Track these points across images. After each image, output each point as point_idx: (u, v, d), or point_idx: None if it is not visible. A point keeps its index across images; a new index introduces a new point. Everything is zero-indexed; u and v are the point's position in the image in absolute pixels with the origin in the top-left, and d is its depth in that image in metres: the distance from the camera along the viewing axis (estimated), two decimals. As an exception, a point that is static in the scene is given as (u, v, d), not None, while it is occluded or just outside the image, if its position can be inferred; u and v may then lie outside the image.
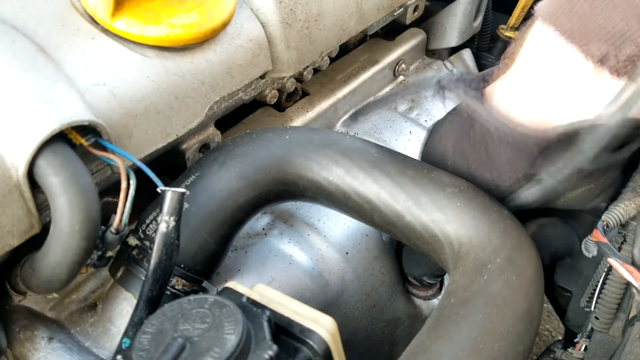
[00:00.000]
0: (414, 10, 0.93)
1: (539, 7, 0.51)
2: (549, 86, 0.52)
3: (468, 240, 0.54)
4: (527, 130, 0.52)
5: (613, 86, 0.48)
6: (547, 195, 0.56)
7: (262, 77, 0.71)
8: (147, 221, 0.57)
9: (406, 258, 0.76)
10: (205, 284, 0.60)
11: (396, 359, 0.49)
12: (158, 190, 0.50)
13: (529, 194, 0.57)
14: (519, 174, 0.56)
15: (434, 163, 0.62)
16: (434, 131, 0.64)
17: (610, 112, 0.48)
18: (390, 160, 0.60)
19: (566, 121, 0.51)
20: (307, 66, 0.77)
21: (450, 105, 0.62)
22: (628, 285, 0.64)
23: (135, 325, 0.48)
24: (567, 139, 0.51)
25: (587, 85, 0.49)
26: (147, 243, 0.56)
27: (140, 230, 0.57)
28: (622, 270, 0.57)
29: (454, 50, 1.05)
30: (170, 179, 0.63)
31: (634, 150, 0.54)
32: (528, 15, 1.03)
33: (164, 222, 0.49)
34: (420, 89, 0.85)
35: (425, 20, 1.02)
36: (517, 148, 0.54)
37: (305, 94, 0.86)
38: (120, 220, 0.50)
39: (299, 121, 0.82)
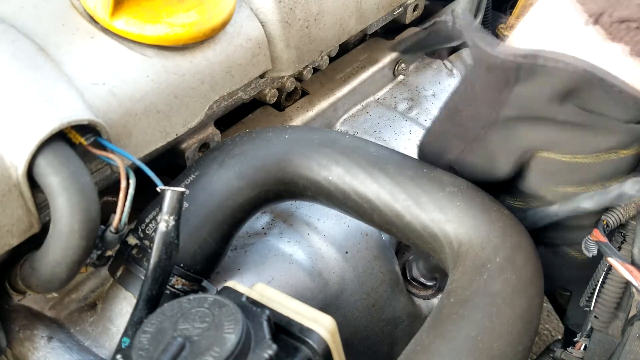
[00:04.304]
0: (414, 10, 0.93)
1: None
2: (544, 38, 0.53)
3: (468, 239, 0.54)
4: (500, 48, 0.53)
5: (602, 47, 0.48)
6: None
7: (261, 76, 0.71)
8: (147, 220, 0.57)
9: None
10: (204, 283, 0.60)
11: (396, 358, 0.49)
12: (158, 189, 0.50)
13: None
14: (492, 108, 0.56)
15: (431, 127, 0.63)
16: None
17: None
18: (390, 159, 0.60)
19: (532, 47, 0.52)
20: (307, 65, 0.77)
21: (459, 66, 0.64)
22: (628, 284, 0.64)
23: (134, 325, 0.48)
24: (532, 70, 0.51)
25: (578, 39, 0.50)
26: (146, 242, 0.56)
27: (140, 230, 0.57)
28: (622, 269, 0.57)
29: (454, 49, 1.05)
30: (170, 179, 0.63)
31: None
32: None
33: (164, 222, 0.49)
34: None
35: (425, 20, 1.02)
36: (490, 68, 0.54)
37: (304, 93, 0.86)
38: (120, 220, 0.50)
39: (298, 120, 0.82)
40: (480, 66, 0.55)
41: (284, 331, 0.46)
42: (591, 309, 0.66)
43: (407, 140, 0.86)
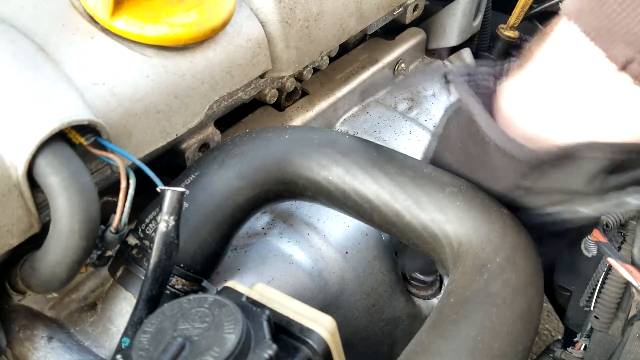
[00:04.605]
0: (414, 10, 0.93)
1: (565, 4, 0.47)
2: (562, 90, 0.49)
3: (468, 239, 0.54)
4: (519, 147, 0.51)
5: (632, 95, 0.45)
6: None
7: (261, 76, 0.71)
8: (147, 220, 0.57)
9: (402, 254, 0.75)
10: (204, 283, 0.60)
11: (396, 358, 0.49)
12: (158, 189, 0.50)
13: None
14: (511, 184, 0.55)
15: (441, 160, 0.61)
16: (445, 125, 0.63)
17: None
18: (390, 159, 0.60)
19: (563, 141, 0.49)
20: (307, 65, 0.77)
21: (453, 98, 0.61)
22: (627, 284, 0.64)
23: (134, 325, 0.48)
24: (560, 160, 0.49)
25: (604, 91, 0.46)
26: (146, 242, 0.56)
27: (140, 230, 0.57)
28: (622, 269, 0.57)
29: (454, 49, 1.05)
30: (170, 179, 0.63)
31: None
32: (528, 15, 1.04)
33: (164, 222, 0.49)
34: (421, 82, 0.84)
35: (425, 20, 1.02)
36: (511, 158, 0.52)
37: (304, 93, 0.86)
38: (120, 220, 0.50)
39: (298, 120, 0.82)
40: (498, 151, 0.53)
41: (284, 331, 0.46)
42: (591, 309, 0.66)
43: (407, 140, 0.86)
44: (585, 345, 0.68)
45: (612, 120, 0.47)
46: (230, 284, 0.50)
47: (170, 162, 0.68)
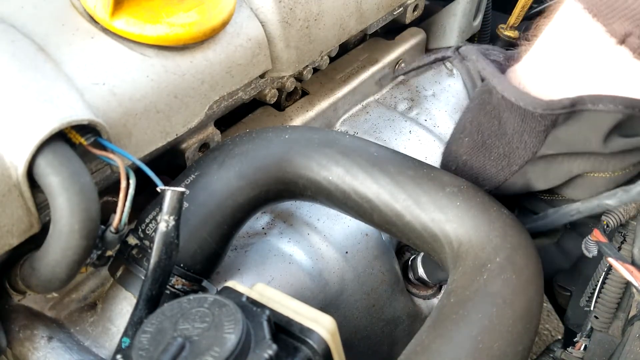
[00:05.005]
0: (414, 10, 0.93)
1: None
2: (568, 61, 0.52)
3: (468, 239, 0.54)
4: (534, 100, 0.52)
5: (631, 67, 0.48)
6: None
7: (261, 76, 0.71)
8: (147, 220, 0.57)
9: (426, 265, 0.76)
10: (205, 283, 0.60)
11: (396, 358, 0.49)
12: (158, 189, 0.50)
13: None
14: (528, 150, 0.56)
15: (457, 144, 0.63)
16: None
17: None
18: (390, 159, 0.60)
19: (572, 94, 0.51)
20: (307, 65, 0.77)
21: (463, 74, 0.64)
22: (628, 284, 0.64)
23: (134, 325, 0.48)
24: (574, 114, 0.51)
25: (605, 63, 0.49)
26: (146, 242, 0.56)
27: (140, 230, 0.57)
28: (622, 269, 0.57)
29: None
30: (170, 178, 0.63)
31: None
32: (528, 15, 1.04)
33: (164, 222, 0.49)
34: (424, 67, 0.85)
35: (425, 20, 1.02)
36: (525, 118, 0.54)
37: (305, 93, 0.86)
38: (120, 220, 0.50)
39: (298, 120, 0.82)
40: (512, 114, 0.55)
41: (284, 331, 0.46)
42: (591, 309, 0.66)
43: (407, 140, 0.86)
44: (585, 345, 0.68)
45: (614, 93, 0.49)
46: (230, 284, 0.50)
47: (170, 162, 0.68)
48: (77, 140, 0.50)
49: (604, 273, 0.65)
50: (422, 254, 0.77)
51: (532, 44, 0.57)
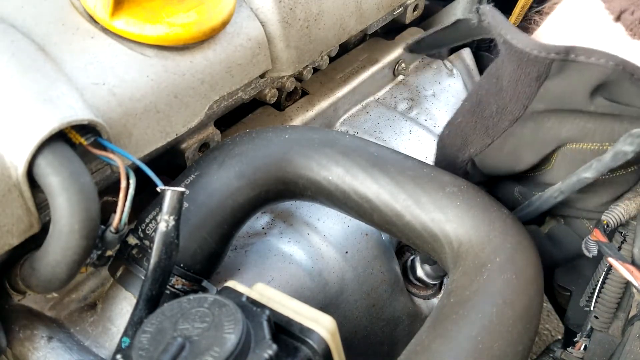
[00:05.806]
0: (414, 10, 0.93)
1: None
2: (572, 35, 0.55)
3: (468, 239, 0.54)
4: (531, 41, 0.53)
5: (625, 44, 0.50)
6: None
7: (261, 76, 0.71)
8: (147, 220, 0.57)
9: None
10: (205, 283, 0.60)
11: (396, 358, 0.49)
12: (158, 189, 0.50)
13: None
14: (519, 102, 0.57)
15: (460, 111, 0.65)
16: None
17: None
18: (390, 159, 0.60)
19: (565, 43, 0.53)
20: (307, 65, 0.77)
21: (464, 74, 0.66)
22: (628, 284, 0.64)
23: (134, 325, 0.48)
24: (563, 66, 0.52)
25: (604, 40, 0.52)
26: (146, 242, 0.56)
27: (140, 230, 0.57)
28: (622, 269, 0.57)
29: (454, 49, 1.05)
30: (170, 178, 0.63)
31: None
32: (527, 15, 1.04)
33: (164, 222, 0.49)
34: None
35: (425, 20, 1.02)
36: (521, 63, 0.55)
37: (304, 93, 0.86)
38: (120, 220, 0.50)
39: (298, 120, 0.82)
40: (510, 61, 0.56)
41: (284, 331, 0.46)
42: (591, 309, 0.66)
43: (407, 140, 0.86)
44: (585, 345, 0.68)
45: None
46: (230, 284, 0.49)
47: (170, 162, 0.68)
48: (77, 140, 0.50)
49: (604, 273, 0.65)
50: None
51: (544, 20, 0.59)
